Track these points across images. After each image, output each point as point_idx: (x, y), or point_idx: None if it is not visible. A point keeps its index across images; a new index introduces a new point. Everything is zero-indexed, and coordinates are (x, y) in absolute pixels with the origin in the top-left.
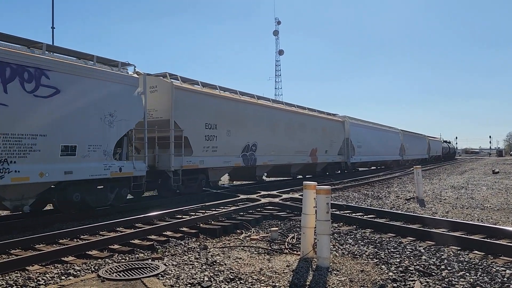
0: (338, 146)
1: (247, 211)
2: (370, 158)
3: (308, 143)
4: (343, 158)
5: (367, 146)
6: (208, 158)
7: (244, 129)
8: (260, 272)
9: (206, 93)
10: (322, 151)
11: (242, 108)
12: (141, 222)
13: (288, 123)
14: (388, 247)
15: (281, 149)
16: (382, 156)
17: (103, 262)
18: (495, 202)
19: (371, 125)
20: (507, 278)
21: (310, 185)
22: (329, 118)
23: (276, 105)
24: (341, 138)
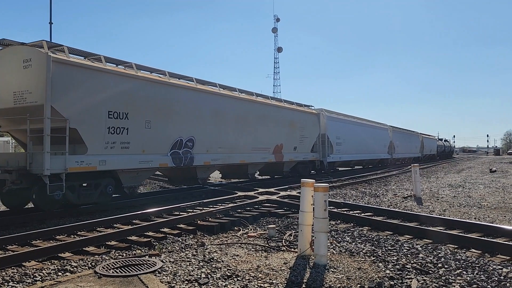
0: (311, 143)
1: (245, 208)
2: (352, 156)
3: (270, 139)
4: (317, 156)
5: (349, 143)
6: (115, 157)
7: (174, 120)
8: (258, 269)
9: (110, 71)
10: (289, 148)
11: (171, 94)
12: (139, 219)
13: (242, 114)
14: (385, 245)
15: (232, 145)
16: (368, 155)
17: (100, 258)
18: (492, 200)
19: (354, 119)
20: (504, 277)
21: (308, 182)
22: (299, 110)
23: (225, 92)
24: (315, 133)
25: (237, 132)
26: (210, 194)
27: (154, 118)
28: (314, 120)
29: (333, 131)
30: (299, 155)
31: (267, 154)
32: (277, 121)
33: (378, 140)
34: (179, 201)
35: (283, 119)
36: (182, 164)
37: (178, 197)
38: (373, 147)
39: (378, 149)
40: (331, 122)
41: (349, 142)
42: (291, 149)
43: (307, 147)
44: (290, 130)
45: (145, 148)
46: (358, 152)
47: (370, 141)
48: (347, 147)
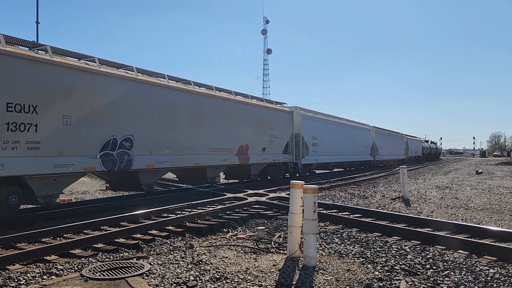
0: (284, 143)
1: (234, 210)
2: (330, 158)
3: (233, 139)
4: (290, 158)
5: (327, 144)
6: (18, 160)
7: (105, 116)
8: (247, 272)
9: (10, 53)
10: (257, 148)
11: (101, 84)
12: (126, 221)
13: (198, 110)
14: (374, 246)
15: (185, 146)
16: (348, 157)
17: (86, 261)
18: (479, 202)
19: (333, 119)
20: (491, 278)
21: (298, 184)
22: (269, 107)
23: (176, 85)
24: (287, 133)
25: (192, 130)
26: (199, 195)
27: (75, 113)
28: (286, 119)
29: (308, 130)
30: (268, 157)
31: (230, 155)
32: (242, 119)
33: (359, 141)
34: (168, 203)
35: (249, 117)
36: (116, 167)
37: (167, 199)
38: (355, 148)
39: (360, 151)
40: (306, 121)
41: (327, 143)
42: (259, 150)
43: (278, 148)
44: (258, 129)
45: (63, 149)
46: (337, 154)
47: (351, 142)
48: (325, 148)
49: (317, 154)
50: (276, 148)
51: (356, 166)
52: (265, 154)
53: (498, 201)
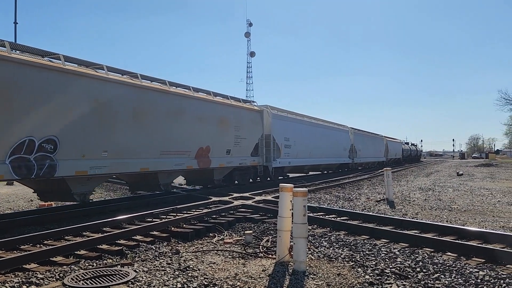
0: (252, 145)
1: (220, 214)
2: (305, 161)
3: (190, 140)
4: (260, 160)
5: (301, 146)
6: None
7: (16, 113)
8: (236, 277)
9: None
10: (219, 151)
11: (11, 74)
12: (109, 226)
13: (145, 107)
14: (363, 249)
15: (127, 148)
16: (325, 159)
17: (68, 269)
18: (462, 203)
19: (308, 119)
20: (481, 280)
21: (287, 187)
22: (235, 106)
23: (113, 77)
24: (256, 134)
25: (137, 131)
26: (184, 199)
27: None
28: (255, 119)
29: (280, 131)
30: (234, 160)
31: (186, 159)
32: (201, 118)
33: (337, 143)
34: (152, 207)
35: (210, 115)
36: (33, 174)
37: (151, 203)
38: (332, 150)
39: (337, 153)
40: (278, 121)
41: (301, 145)
42: (222, 152)
43: (245, 150)
44: (220, 130)
45: None
46: (313, 156)
47: (328, 144)
48: (299, 150)
49: (290, 156)
50: (243, 150)
51: (334, 169)
52: (230, 157)
53: (480, 202)
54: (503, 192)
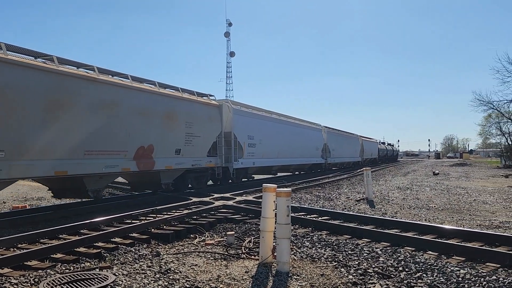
0: (208, 144)
1: (201, 215)
2: (273, 161)
3: (126, 137)
4: (218, 161)
5: (268, 145)
6: None
7: None
8: (218, 280)
9: None
10: (166, 150)
11: None
12: (87, 228)
13: (61, 97)
14: (345, 249)
15: (37, 147)
16: (295, 159)
17: (44, 273)
18: (439, 202)
19: (276, 116)
20: (462, 278)
21: (270, 187)
22: (186, 99)
23: (15, 58)
24: (214, 131)
25: (50, 126)
26: (164, 200)
27: None
28: (212, 114)
29: (243, 129)
30: (185, 161)
31: (122, 160)
32: (142, 112)
33: (309, 142)
34: (131, 209)
35: (154, 109)
36: None
37: (130, 204)
38: (303, 150)
39: (309, 153)
40: (241, 118)
41: (268, 144)
42: (170, 152)
43: (200, 150)
44: (168, 126)
45: None
46: (282, 156)
47: (299, 143)
48: (266, 150)
49: (255, 156)
50: (197, 150)
51: (306, 170)
52: (180, 158)
53: (457, 201)
54: (478, 191)
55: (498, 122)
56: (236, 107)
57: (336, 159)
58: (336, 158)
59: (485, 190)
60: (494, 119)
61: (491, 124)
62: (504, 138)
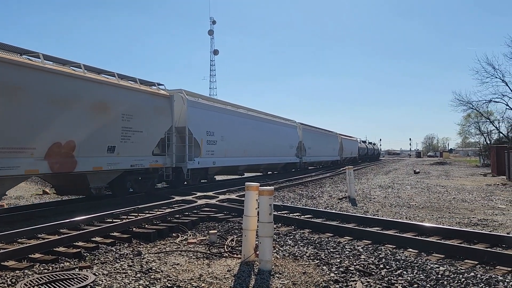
0: (155, 141)
1: (183, 213)
2: (239, 160)
3: (34, 131)
4: (167, 161)
5: (233, 143)
6: None
7: None
8: (200, 279)
9: None
10: (95, 148)
11: None
12: (67, 228)
13: None
14: (327, 247)
15: None
16: (266, 158)
17: (21, 274)
18: (419, 200)
19: (243, 110)
20: (441, 275)
21: (253, 186)
22: (123, 86)
23: None
24: (162, 126)
25: None
26: (146, 199)
27: None
28: (160, 106)
29: (200, 123)
30: (122, 161)
31: (27, 160)
32: (57, 101)
33: (282, 140)
34: (112, 207)
35: (76, 98)
36: None
37: (112, 203)
38: (275, 148)
39: (282, 151)
40: (198, 111)
41: (233, 141)
42: (100, 150)
43: (142, 148)
44: (97, 119)
45: None
46: (249, 155)
47: (270, 141)
48: (229, 148)
49: (216, 155)
50: (139, 147)
51: (279, 169)
52: (114, 157)
53: (437, 199)
54: (457, 189)
55: (477, 121)
56: (192, 99)
57: (313, 157)
58: (312, 157)
59: (464, 188)
60: (473, 118)
61: (470, 124)
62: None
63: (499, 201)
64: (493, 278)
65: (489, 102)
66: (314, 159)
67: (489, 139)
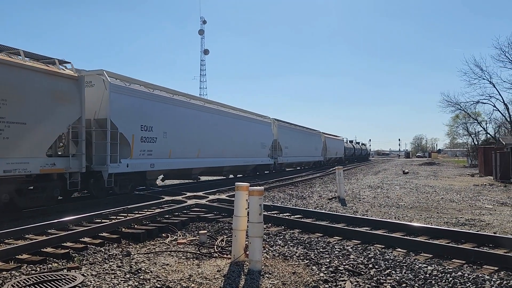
0: (51, 137)
1: (173, 214)
2: (190, 162)
3: None
4: (74, 164)
5: (182, 141)
6: None
7: None
8: (190, 279)
9: None
10: None
11: None
12: (55, 228)
13: None
14: (317, 247)
15: None
16: (228, 159)
17: (8, 275)
18: (408, 200)
19: (199, 102)
20: (429, 274)
21: (243, 186)
22: None
23: None
24: (66, 117)
25: None
26: (135, 199)
27: None
28: (64, 91)
29: (131, 115)
30: None
31: None
32: None
33: (252, 138)
34: (101, 208)
35: None
36: None
37: (100, 203)
38: (242, 147)
39: (251, 151)
40: (126, 99)
41: (182, 138)
42: None
43: (27, 147)
44: None
45: None
46: (206, 155)
47: (235, 139)
48: (177, 146)
49: (156, 155)
50: (19, 146)
51: (248, 172)
52: None
53: (425, 199)
54: (445, 189)
55: (465, 122)
56: (116, 82)
57: (290, 158)
58: (289, 158)
59: (452, 188)
60: (461, 119)
61: (458, 125)
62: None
63: (486, 201)
64: (480, 278)
65: (477, 103)
66: (292, 159)
67: (477, 139)
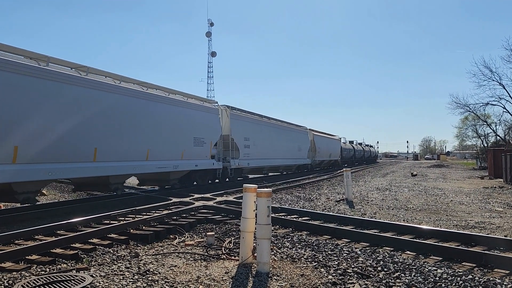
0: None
1: (181, 215)
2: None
3: None
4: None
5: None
6: None
7: None
8: (198, 281)
9: None
10: None
11: None
12: (64, 229)
13: None
14: (325, 249)
15: None
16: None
17: (19, 275)
18: (417, 203)
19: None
20: (439, 278)
21: (251, 187)
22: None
23: None
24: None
25: None
26: (143, 201)
27: None
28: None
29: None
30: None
31: None
32: None
33: (195, 133)
34: (109, 209)
35: None
36: None
37: (108, 205)
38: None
39: (194, 152)
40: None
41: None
42: None
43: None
44: None
45: None
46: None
47: (176, 135)
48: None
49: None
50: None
51: (206, 181)
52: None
53: (434, 202)
54: (454, 192)
55: (474, 124)
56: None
57: (254, 161)
58: (253, 160)
59: (462, 191)
60: (470, 121)
61: (467, 127)
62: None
63: (496, 203)
64: (491, 281)
65: (486, 105)
66: (258, 163)
67: (486, 142)
